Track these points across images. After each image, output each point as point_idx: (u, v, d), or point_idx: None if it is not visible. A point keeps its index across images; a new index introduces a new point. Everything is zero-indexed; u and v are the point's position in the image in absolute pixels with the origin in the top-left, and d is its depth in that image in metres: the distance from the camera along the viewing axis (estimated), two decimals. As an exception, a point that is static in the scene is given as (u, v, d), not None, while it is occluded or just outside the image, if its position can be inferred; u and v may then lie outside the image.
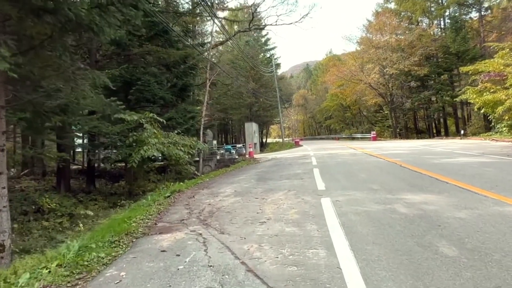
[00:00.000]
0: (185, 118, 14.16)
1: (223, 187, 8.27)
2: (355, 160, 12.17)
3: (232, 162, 19.35)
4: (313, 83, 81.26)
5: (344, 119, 58.11)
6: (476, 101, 22.07)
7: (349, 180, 7.62)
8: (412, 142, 23.13)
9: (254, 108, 38.88)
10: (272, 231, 4.03)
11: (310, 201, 5.59)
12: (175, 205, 6.45)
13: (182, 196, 7.53)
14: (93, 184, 14.64)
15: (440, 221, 3.90)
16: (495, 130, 22.14)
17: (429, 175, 7.26)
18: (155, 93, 13.24)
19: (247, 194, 6.91)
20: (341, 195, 5.91)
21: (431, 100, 34.94)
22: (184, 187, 8.74)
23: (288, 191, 6.84)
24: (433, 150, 14.69)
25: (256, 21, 23.24)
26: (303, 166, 11.63)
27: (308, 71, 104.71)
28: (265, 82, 40.63)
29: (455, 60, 30.49)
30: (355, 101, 46.33)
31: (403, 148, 16.83)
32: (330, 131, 70.14)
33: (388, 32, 34.54)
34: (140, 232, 4.57)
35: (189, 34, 20.33)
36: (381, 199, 5.32)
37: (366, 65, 36.96)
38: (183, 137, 11.65)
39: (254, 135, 34.27)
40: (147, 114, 10.89)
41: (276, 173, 10.41)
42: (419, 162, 10.00)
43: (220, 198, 6.67)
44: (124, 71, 12.65)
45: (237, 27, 22.85)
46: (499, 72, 21.55)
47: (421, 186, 6.15)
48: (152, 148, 9.63)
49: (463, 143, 18.84)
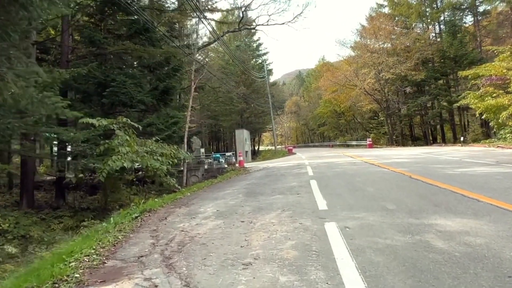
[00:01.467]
0: (167, 124, 12.88)
1: (205, 205, 7.01)
2: (356, 170, 11.01)
3: (221, 171, 18.07)
4: (306, 90, 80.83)
5: (338, 126, 57.27)
6: (478, 107, 21.25)
7: (355, 195, 6.42)
8: (412, 150, 22.15)
9: (245, 115, 37.75)
10: (260, 281, 2.79)
11: (310, 228, 4.37)
12: (139, 232, 5.17)
13: (152, 217, 6.23)
14: (63, 197, 13.20)
15: (506, 266, 2.71)
16: (497, 136, 21.27)
17: (451, 190, 6.11)
18: (132, 96, 11.96)
19: (232, 215, 5.66)
20: (349, 217, 4.70)
21: (428, 106, 34.28)
22: (159, 204, 7.44)
23: (282, 210, 5.62)
24: (439, 158, 13.65)
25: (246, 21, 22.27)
26: (298, 177, 10.42)
27: (301, 78, 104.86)
28: (257, 88, 39.63)
29: (453, 65, 29.87)
30: (349, 107, 45.52)
31: (404, 156, 15.79)
32: (324, 138, 69.36)
33: (383, 36, 33.88)
34: (75, 280, 3.27)
35: (174, 34, 19.18)
36: (403, 225, 4.13)
37: (361, 69, 36.20)
38: (162, 145, 10.35)
39: (245, 142, 33.07)
40: (121, 119, 9.58)
41: (267, 186, 9.18)
42: (430, 172, 8.88)
43: (198, 221, 5.41)
44: (96, 71, 11.36)
45: (226, 27, 21.79)
46: (502, 75, 20.81)
47: (448, 206, 4.98)
48: (123, 158, 8.32)
49: (467, 150, 17.89)
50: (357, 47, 39.25)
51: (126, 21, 15.57)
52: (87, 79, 11.86)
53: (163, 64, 14.98)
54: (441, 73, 30.91)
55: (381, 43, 33.81)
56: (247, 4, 19.37)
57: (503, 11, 33.04)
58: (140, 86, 13.37)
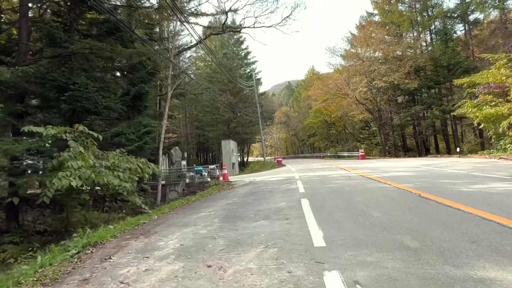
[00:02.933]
0: (138, 133, 11.44)
1: (169, 235, 5.60)
2: (354, 187, 9.73)
3: (203, 186, 16.59)
4: (296, 100, 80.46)
5: (328, 137, 56.39)
6: (476, 116, 20.47)
7: (359, 223, 5.11)
8: (408, 162, 21.09)
9: (232, 124, 36.40)
10: None
11: (303, 281, 3.02)
12: (63, 283, 3.72)
13: (95, 255, 4.78)
14: (16, 219, 11.50)
15: None
16: (496, 147, 20.42)
17: (482, 216, 4.85)
18: (97, 101, 10.51)
19: (198, 253, 4.27)
20: (358, 262, 3.38)
21: (420, 115, 33.57)
22: (112, 233, 5.98)
23: (265, 247, 4.26)
24: (442, 171, 12.52)
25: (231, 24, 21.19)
26: (287, 195, 9.08)
27: (290, 89, 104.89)
28: (245, 97, 38.45)
29: (446, 73, 29.31)
30: (340, 117, 44.73)
31: (403, 169, 14.64)
32: (314, 149, 68.51)
33: (374, 45, 33.22)
34: None
35: (154, 37, 17.88)
36: (442, 280, 2.81)
37: (353, 78, 35.44)
38: (128, 158, 8.91)
39: (232, 154, 31.68)
40: (76, 127, 8.14)
41: (251, 206, 7.81)
42: (441, 189, 7.66)
43: (150, 265, 4.00)
44: (55, 72, 9.91)
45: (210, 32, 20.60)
46: (500, 83, 20.10)
47: (491, 242, 3.71)
48: (73, 175, 6.84)
49: (469, 162, 16.87)
50: (347, 56, 38.59)
51: (97, 20, 14.27)
52: (44, 82, 10.37)
53: (137, 67, 13.61)
54: (435, 81, 30.30)
55: (372, 51, 33.13)
56: (232, 5, 18.14)
57: (495, 20, 32.98)
58: (109, 91, 11.94)
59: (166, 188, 17.71)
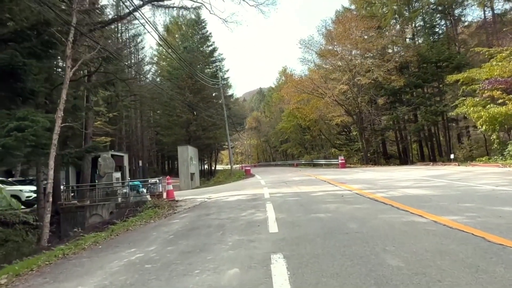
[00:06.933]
0: (1, 131, 7.23)
1: None
2: (361, 220, 6.01)
3: (139, 207, 12.37)
4: (267, 105, 77.71)
5: (302, 143, 53.28)
6: (480, 116, 17.73)
7: None
8: (404, 172, 17.89)
9: (192, 127, 32.10)
10: None
11: None
12: None
13: None
14: None
15: None
16: (504, 153, 17.73)
17: None
18: None
19: None
20: None
21: (406, 118, 31.04)
22: None
23: None
24: (467, 186, 9.21)
25: None
26: (247, 241, 5.23)
27: (262, 94, 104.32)
28: (207, 96, 34.33)
29: (435, 70, 26.94)
30: (315, 121, 41.68)
31: (410, 183, 11.26)
32: (287, 156, 65.33)
33: (355, 39, 30.30)
34: None
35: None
36: None
37: (332, 74, 32.47)
38: None
39: (191, 162, 27.50)
40: None
41: (184, 263, 3.88)
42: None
43: None
44: None
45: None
46: (508, 77, 17.54)
47: None
48: None
49: (488, 173, 13.65)
50: (324, 53, 35.47)
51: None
52: None
53: (28, 34, 9.34)
54: (423, 79, 27.84)
55: (353, 45, 30.26)
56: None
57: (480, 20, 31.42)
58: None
59: (86, 211, 13.32)
